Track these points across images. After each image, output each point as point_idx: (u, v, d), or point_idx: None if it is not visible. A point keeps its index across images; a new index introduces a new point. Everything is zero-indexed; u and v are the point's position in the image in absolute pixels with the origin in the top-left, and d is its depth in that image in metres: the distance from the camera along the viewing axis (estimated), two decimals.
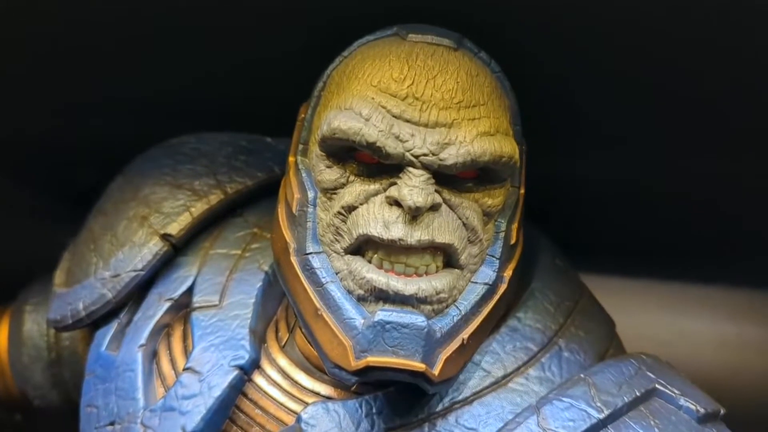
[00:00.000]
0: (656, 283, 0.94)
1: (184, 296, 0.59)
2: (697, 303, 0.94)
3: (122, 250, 0.61)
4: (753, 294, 0.91)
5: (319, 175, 0.50)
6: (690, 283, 0.93)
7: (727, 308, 0.92)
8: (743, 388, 0.88)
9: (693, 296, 0.93)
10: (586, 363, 0.53)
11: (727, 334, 0.91)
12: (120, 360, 0.57)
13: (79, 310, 0.61)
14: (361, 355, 0.46)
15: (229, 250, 0.60)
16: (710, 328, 0.92)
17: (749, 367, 0.89)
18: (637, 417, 0.48)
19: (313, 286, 0.49)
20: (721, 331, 0.92)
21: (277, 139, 0.68)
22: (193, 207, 0.61)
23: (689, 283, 0.93)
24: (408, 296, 0.47)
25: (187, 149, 0.66)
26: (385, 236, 0.47)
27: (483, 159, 0.47)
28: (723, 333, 0.92)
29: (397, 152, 0.47)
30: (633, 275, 0.93)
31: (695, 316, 0.93)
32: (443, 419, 0.50)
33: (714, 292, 0.92)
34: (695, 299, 0.93)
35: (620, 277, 0.91)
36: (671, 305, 0.94)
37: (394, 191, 0.47)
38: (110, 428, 0.55)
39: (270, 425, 0.52)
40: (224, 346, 0.54)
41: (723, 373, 0.88)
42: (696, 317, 0.93)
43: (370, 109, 0.47)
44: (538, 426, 0.47)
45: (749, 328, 0.91)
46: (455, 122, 0.47)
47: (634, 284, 0.93)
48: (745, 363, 0.90)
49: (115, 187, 0.67)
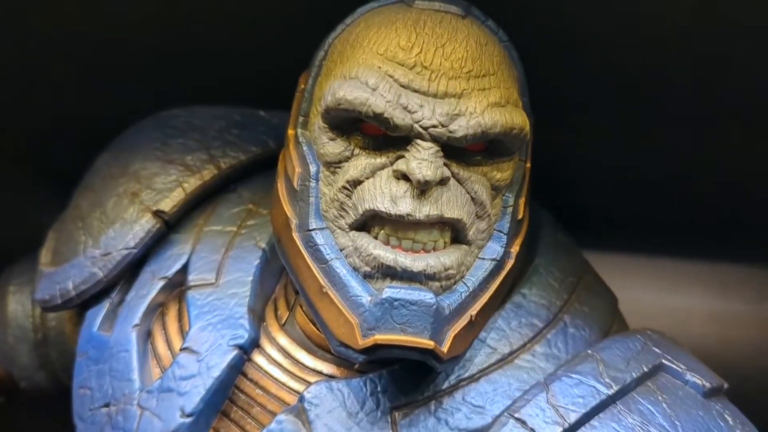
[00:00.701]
0: (645, 258, 0.94)
1: (179, 275, 0.57)
2: (685, 278, 0.94)
3: (113, 228, 0.59)
4: (740, 269, 0.91)
5: (321, 148, 0.48)
6: (678, 258, 0.93)
7: (715, 283, 0.92)
8: (730, 362, 0.88)
9: (681, 271, 0.93)
10: (591, 339, 0.52)
11: (715, 309, 0.92)
12: (113, 340, 0.56)
13: (68, 289, 0.59)
14: (368, 333, 0.45)
15: (224, 227, 0.58)
16: (698, 302, 0.92)
17: (737, 341, 0.90)
18: (645, 392, 0.48)
19: (317, 263, 0.48)
20: (709, 305, 0.92)
21: (270, 112, 0.66)
22: (186, 183, 0.59)
23: (677, 258, 0.93)
24: (416, 273, 0.46)
25: (177, 123, 0.65)
26: (392, 211, 0.46)
27: (494, 131, 0.46)
28: (711, 307, 0.92)
29: (405, 124, 0.45)
30: (622, 251, 0.93)
31: (684, 290, 0.94)
32: (450, 397, 0.49)
33: (702, 267, 0.92)
34: (684, 274, 0.93)
35: (609, 252, 0.90)
36: (660, 280, 0.94)
37: (402, 164, 0.46)
38: (105, 410, 0.54)
39: (271, 405, 0.51)
40: (222, 325, 0.53)
41: (711, 346, 0.89)
42: (684, 292, 0.94)
43: (376, 78, 0.46)
44: (547, 403, 0.46)
45: (737, 303, 0.91)
46: (465, 92, 0.46)
47: (622, 260, 0.93)
48: (732, 337, 0.90)
49: (102, 162, 0.65)
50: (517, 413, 0.46)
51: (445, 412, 0.48)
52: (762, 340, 0.89)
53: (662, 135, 0.71)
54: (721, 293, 0.92)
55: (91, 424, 0.54)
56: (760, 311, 0.90)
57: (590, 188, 0.80)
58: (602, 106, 0.67)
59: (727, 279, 0.91)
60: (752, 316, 0.91)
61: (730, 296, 0.91)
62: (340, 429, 0.48)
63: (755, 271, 0.89)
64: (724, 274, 0.91)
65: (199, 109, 0.67)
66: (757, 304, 0.91)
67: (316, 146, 0.49)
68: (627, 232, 0.88)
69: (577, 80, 0.63)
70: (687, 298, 0.93)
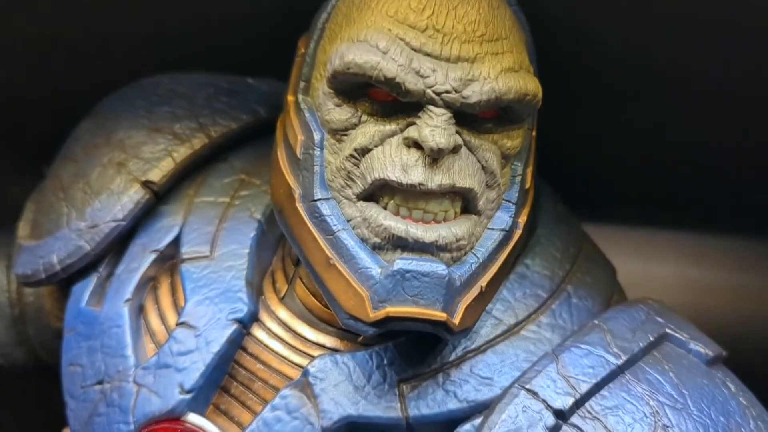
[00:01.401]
0: (621, 228, 0.94)
1: (170, 247, 0.55)
2: (661, 247, 0.95)
3: (99, 199, 0.57)
4: (715, 239, 0.92)
5: (327, 115, 0.47)
6: (654, 228, 0.94)
7: (691, 252, 0.93)
8: (705, 329, 0.90)
9: (657, 241, 0.94)
10: (594, 309, 0.52)
11: (690, 278, 0.93)
12: (104, 316, 0.54)
13: (53, 263, 0.57)
14: (379, 306, 0.44)
15: (217, 198, 0.57)
16: (674, 271, 0.94)
17: (712, 309, 0.91)
18: (652, 362, 0.48)
19: (323, 234, 0.46)
20: (684, 274, 0.93)
21: (259, 79, 0.64)
22: (175, 152, 0.57)
23: (653, 228, 0.94)
24: (428, 244, 0.45)
25: (162, 90, 0.62)
26: (403, 181, 0.44)
27: (507, 97, 0.45)
28: (687, 276, 0.93)
29: (417, 89, 0.44)
30: (599, 221, 0.94)
31: (660, 260, 0.95)
32: (457, 369, 0.48)
33: (678, 237, 0.93)
34: (660, 244, 0.94)
35: (586, 223, 0.91)
36: (635, 250, 0.94)
37: (414, 132, 0.44)
38: (98, 387, 0.52)
39: (273, 380, 0.50)
40: (220, 299, 0.52)
41: (686, 315, 0.90)
42: (660, 261, 0.95)
43: (387, 41, 0.44)
44: (558, 374, 0.46)
45: (712, 272, 0.92)
46: (478, 57, 0.44)
47: (601, 230, 0.93)
48: (707, 305, 0.92)
49: (84, 130, 0.62)
50: (528, 384, 0.46)
51: (453, 384, 0.48)
52: (736, 308, 0.91)
53: (640, 108, 0.71)
54: (697, 262, 0.93)
55: (83, 402, 0.52)
56: (734, 279, 0.92)
57: (565, 159, 0.80)
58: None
59: (703, 248, 0.93)
60: (727, 285, 0.92)
61: (704, 265, 0.93)
62: (347, 403, 0.47)
63: (730, 240, 0.91)
64: (700, 244, 0.92)
65: (183, 76, 0.65)
66: (731, 273, 0.92)
67: (320, 113, 0.47)
68: (602, 203, 0.88)
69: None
70: (663, 267, 0.94)
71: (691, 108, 0.69)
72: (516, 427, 0.45)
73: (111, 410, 0.51)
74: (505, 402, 0.46)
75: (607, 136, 0.76)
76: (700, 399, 0.47)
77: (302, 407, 0.47)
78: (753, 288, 0.91)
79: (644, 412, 0.45)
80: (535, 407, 0.45)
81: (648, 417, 0.45)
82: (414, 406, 0.47)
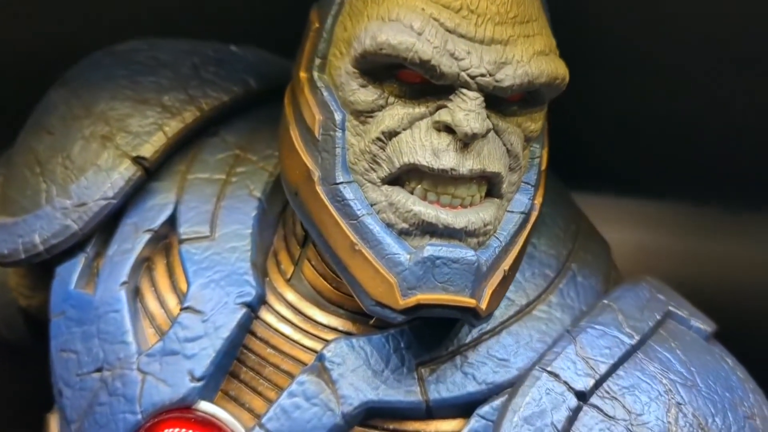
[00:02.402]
0: (580, 196, 0.96)
1: (164, 226, 0.53)
2: (614, 214, 0.97)
3: (85, 176, 0.54)
4: (666, 204, 0.95)
5: (351, 96, 0.45)
6: (605, 195, 0.96)
7: (644, 218, 0.96)
8: None
9: (609, 207, 0.96)
10: (597, 287, 0.53)
11: (644, 243, 0.96)
12: (99, 300, 0.51)
13: (35, 243, 0.54)
14: (408, 293, 0.44)
15: (212, 175, 0.54)
16: (628, 237, 0.96)
17: (665, 274, 0.94)
18: (659, 340, 0.49)
19: (347, 218, 0.45)
20: (638, 239, 0.96)
21: (243, 48, 0.62)
22: (166, 126, 0.54)
23: (605, 195, 0.96)
24: (458, 230, 0.44)
25: (142, 58, 0.59)
26: (435, 165, 0.43)
27: (539, 81, 0.44)
28: (640, 241, 0.96)
29: (452, 71, 0.43)
30: None
31: (612, 226, 0.97)
32: (474, 351, 0.48)
33: (630, 204, 0.96)
34: (612, 210, 0.96)
35: None
36: (590, 217, 0.97)
37: (446, 116, 0.43)
38: (97, 375, 0.50)
39: (286, 365, 0.49)
40: (225, 282, 0.50)
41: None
42: (614, 228, 0.97)
43: (421, 21, 0.43)
44: (577, 355, 0.47)
45: (664, 237, 0.95)
46: (511, 39, 0.44)
47: None
48: (660, 269, 0.94)
49: (58, 100, 0.59)
50: (549, 367, 0.47)
51: (471, 367, 0.48)
52: (688, 272, 0.94)
53: (595, 77, 0.71)
54: (650, 228, 0.96)
55: (81, 390, 0.50)
56: (685, 244, 0.95)
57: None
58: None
59: (655, 214, 0.95)
60: (678, 249, 0.95)
61: (659, 231, 0.96)
62: (367, 388, 0.47)
63: (681, 206, 0.94)
64: (652, 210, 0.95)
65: (162, 42, 0.61)
66: (682, 237, 0.95)
67: (342, 93, 0.46)
68: (557, 171, 0.90)
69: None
70: (617, 233, 0.96)
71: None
72: (540, 410, 0.46)
73: (114, 399, 0.49)
74: (527, 384, 0.46)
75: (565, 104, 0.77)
76: (706, 375, 0.49)
77: (321, 393, 0.47)
78: (700, 253, 0.95)
79: (659, 391, 0.47)
80: (557, 389, 0.46)
81: (663, 395, 0.47)
82: (434, 390, 0.47)
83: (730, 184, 0.86)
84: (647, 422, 0.46)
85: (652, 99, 0.74)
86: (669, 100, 0.74)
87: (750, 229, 0.96)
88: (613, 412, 0.46)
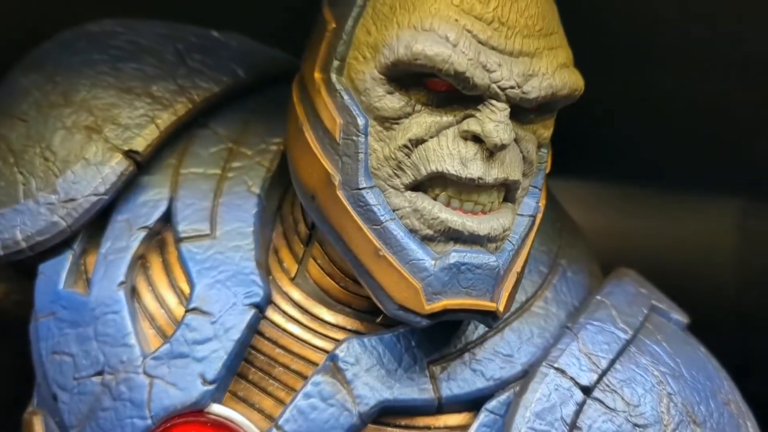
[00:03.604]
0: None
1: (159, 223, 0.52)
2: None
3: (72, 170, 0.51)
4: (569, 183, 0.98)
5: (376, 102, 0.45)
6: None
7: (578, 198, 0.99)
8: None
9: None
10: (584, 280, 0.55)
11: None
12: (95, 301, 0.50)
13: (16, 240, 0.51)
14: (434, 298, 0.44)
15: (207, 170, 0.53)
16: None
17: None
18: (647, 334, 0.52)
19: (369, 224, 0.45)
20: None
21: (226, 34, 0.60)
22: (158, 119, 0.53)
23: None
24: (482, 236, 0.45)
25: (120, 42, 0.56)
26: (462, 174, 0.44)
27: (562, 93, 0.45)
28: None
29: (483, 83, 0.43)
30: None
31: None
32: (481, 348, 0.50)
33: (565, 184, 0.99)
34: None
35: None
36: None
37: (475, 125, 0.44)
38: (97, 379, 0.48)
39: (296, 365, 0.49)
40: (232, 282, 0.49)
41: None
42: None
43: (456, 33, 0.43)
44: (580, 352, 0.49)
45: (597, 216, 1.00)
46: (537, 52, 0.45)
47: None
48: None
49: (29, 85, 0.56)
50: (555, 363, 0.49)
51: (479, 363, 0.49)
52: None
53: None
54: (582, 207, 0.99)
55: (80, 395, 0.48)
56: (589, 221, 0.99)
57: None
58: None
59: (559, 192, 0.99)
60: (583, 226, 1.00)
61: (587, 210, 0.99)
62: (382, 387, 0.48)
63: (584, 184, 0.97)
64: (556, 188, 0.99)
65: (138, 24, 0.59)
66: (587, 213, 0.99)
67: (366, 98, 0.45)
68: None
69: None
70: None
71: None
72: (550, 405, 0.48)
73: (120, 404, 0.47)
74: (537, 381, 0.48)
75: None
76: (689, 366, 0.52)
77: (337, 393, 0.47)
78: (613, 229, 1.00)
79: (652, 383, 0.50)
80: (565, 385, 0.48)
81: (655, 387, 0.50)
82: (446, 387, 0.48)
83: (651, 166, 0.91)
84: (644, 413, 0.49)
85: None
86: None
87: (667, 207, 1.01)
88: (614, 404, 0.49)
